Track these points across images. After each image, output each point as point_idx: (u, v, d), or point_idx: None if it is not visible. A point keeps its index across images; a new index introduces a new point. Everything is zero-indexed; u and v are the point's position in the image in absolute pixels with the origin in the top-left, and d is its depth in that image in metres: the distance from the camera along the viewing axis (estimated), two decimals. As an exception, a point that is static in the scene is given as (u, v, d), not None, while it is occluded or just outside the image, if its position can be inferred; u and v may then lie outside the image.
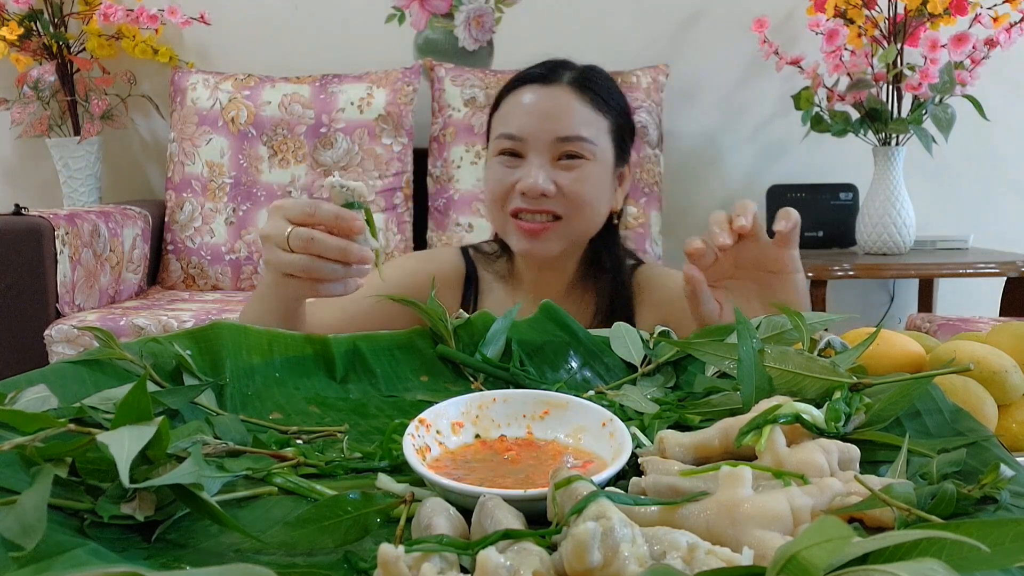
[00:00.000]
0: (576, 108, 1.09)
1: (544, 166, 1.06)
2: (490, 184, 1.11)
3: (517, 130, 1.08)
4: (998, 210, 2.61)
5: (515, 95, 1.12)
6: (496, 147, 1.11)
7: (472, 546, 0.35)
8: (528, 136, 1.07)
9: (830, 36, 2.20)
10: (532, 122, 1.08)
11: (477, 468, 0.49)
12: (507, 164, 1.09)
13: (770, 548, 0.34)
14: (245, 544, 0.41)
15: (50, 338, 1.81)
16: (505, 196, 1.08)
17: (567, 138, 1.07)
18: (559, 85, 1.10)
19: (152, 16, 2.45)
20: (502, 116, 1.13)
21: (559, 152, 1.07)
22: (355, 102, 2.33)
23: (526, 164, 1.07)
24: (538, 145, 1.07)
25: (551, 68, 1.13)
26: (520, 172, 1.07)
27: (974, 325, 1.63)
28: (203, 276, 2.32)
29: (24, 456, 0.40)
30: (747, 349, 0.53)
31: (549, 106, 1.08)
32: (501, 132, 1.10)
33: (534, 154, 1.07)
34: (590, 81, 1.12)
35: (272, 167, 2.33)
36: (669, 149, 2.49)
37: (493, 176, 1.10)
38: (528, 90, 1.11)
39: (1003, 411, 0.58)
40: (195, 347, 0.63)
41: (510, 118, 1.10)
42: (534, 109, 1.09)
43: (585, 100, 1.10)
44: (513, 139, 1.08)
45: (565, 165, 1.07)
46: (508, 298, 1.17)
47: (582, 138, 1.07)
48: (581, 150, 1.07)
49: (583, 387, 0.67)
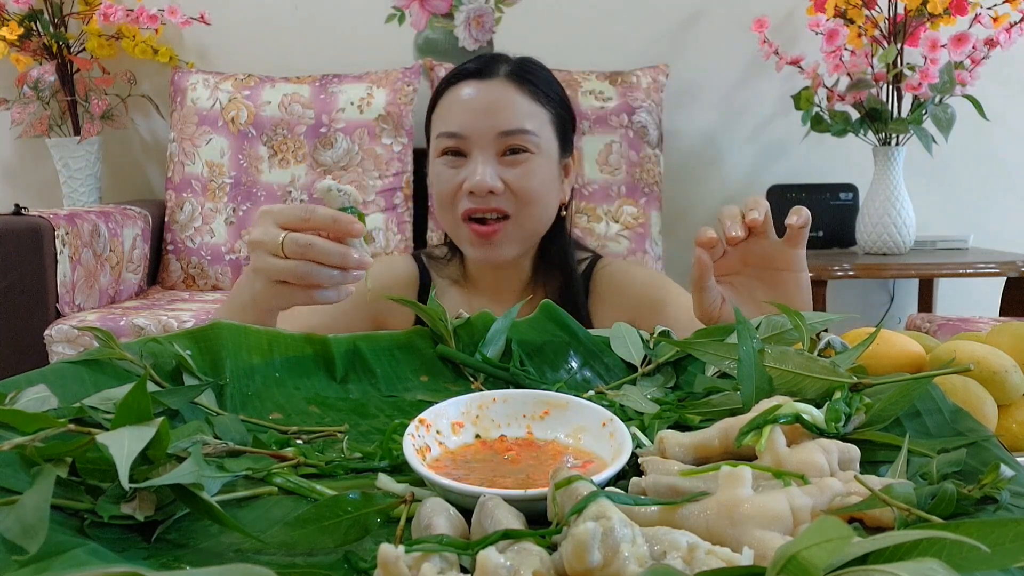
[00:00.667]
0: (516, 100, 1.06)
1: (489, 162, 1.04)
2: (436, 187, 1.08)
3: (458, 127, 1.05)
4: (998, 210, 2.61)
5: (452, 92, 1.09)
6: (438, 147, 1.08)
7: (472, 546, 0.35)
8: (470, 133, 1.05)
9: (830, 36, 2.20)
10: (472, 118, 1.05)
11: (477, 468, 0.49)
12: (451, 164, 1.06)
13: (770, 548, 0.34)
14: (245, 544, 0.41)
15: (50, 338, 1.81)
16: (453, 197, 1.06)
17: (510, 132, 1.04)
18: (496, 79, 1.08)
19: (152, 16, 2.45)
20: (441, 115, 1.09)
21: (503, 147, 1.05)
22: (355, 102, 2.33)
23: (471, 162, 1.05)
24: (481, 141, 1.04)
25: (487, 62, 1.10)
26: (465, 171, 1.05)
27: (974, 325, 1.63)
28: (203, 276, 2.32)
29: (24, 456, 0.40)
30: (747, 349, 0.53)
31: (488, 100, 1.06)
32: (442, 131, 1.07)
33: (478, 151, 1.04)
34: (527, 72, 1.10)
35: (272, 167, 2.33)
36: (669, 149, 2.49)
37: (438, 178, 1.08)
38: (465, 86, 1.08)
39: (1003, 411, 0.58)
40: (195, 347, 0.63)
41: (449, 116, 1.07)
42: (473, 105, 1.06)
43: (524, 92, 1.07)
44: (455, 137, 1.06)
45: (510, 161, 1.05)
46: (464, 302, 1.15)
47: (525, 131, 1.05)
48: (525, 143, 1.05)
49: (583, 387, 0.67)
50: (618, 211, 2.31)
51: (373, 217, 2.30)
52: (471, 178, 1.03)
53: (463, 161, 1.06)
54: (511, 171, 1.05)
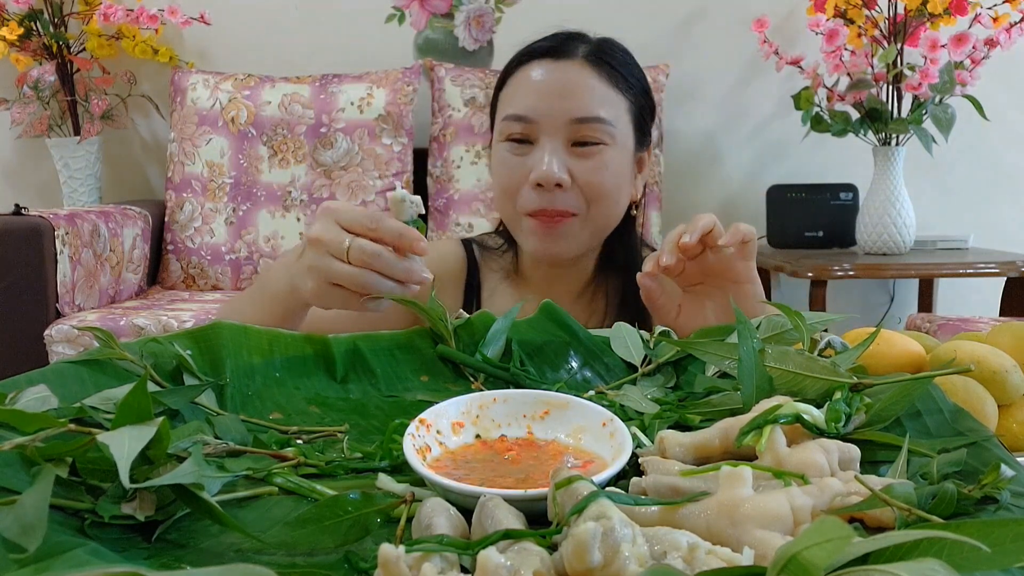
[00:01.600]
0: (592, 85, 0.98)
1: (558, 151, 0.96)
2: (498, 175, 1.01)
3: (526, 110, 0.97)
4: (998, 210, 2.61)
5: (522, 72, 1.01)
6: (503, 131, 1.00)
7: (472, 546, 0.35)
8: (539, 117, 0.97)
9: (830, 36, 2.20)
10: (543, 101, 0.97)
11: (477, 468, 0.49)
12: (515, 151, 0.98)
13: (770, 548, 0.34)
14: (245, 544, 0.41)
15: (50, 338, 1.81)
16: (516, 189, 0.98)
17: (583, 119, 0.96)
18: (573, 60, 0.99)
19: (152, 16, 2.45)
20: (508, 95, 1.01)
21: (575, 136, 0.97)
22: (355, 102, 2.33)
23: (537, 150, 0.97)
24: (550, 128, 0.96)
25: (563, 40, 1.02)
26: (531, 159, 0.97)
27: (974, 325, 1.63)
28: (203, 276, 2.32)
29: (24, 456, 0.40)
30: (747, 349, 0.53)
31: (562, 83, 0.98)
32: (508, 113, 0.99)
33: (546, 138, 0.96)
34: (607, 55, 1.01)
35: (272, 167, 2.33)
36: (669, 149, 2.49)
37: (501, 166, 1.00)
38: (537, 65, 1.00)
39: (1003, 411, 0.58)
40: (195, 347, 0.63)
41: (517, 97, 0.99)
42: (545, 87, 0.98)
43: (602, 76, 0.99)
44: (522, 120, 0.97)
45: (581, 152, 0.97)
46: (514, 300, 1.06)
47: (600, 119, 0.97)
48: (599, 133, 0.97)
49: (583, 387, 0.67)
50: (618, 211, 2.31)
51: (373, 217, 2.30)
52: (537, 168, 0.95)
53: (529, 149, 0.98)
54: (581, 163, 0.96)
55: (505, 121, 0.99)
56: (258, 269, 2.31)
